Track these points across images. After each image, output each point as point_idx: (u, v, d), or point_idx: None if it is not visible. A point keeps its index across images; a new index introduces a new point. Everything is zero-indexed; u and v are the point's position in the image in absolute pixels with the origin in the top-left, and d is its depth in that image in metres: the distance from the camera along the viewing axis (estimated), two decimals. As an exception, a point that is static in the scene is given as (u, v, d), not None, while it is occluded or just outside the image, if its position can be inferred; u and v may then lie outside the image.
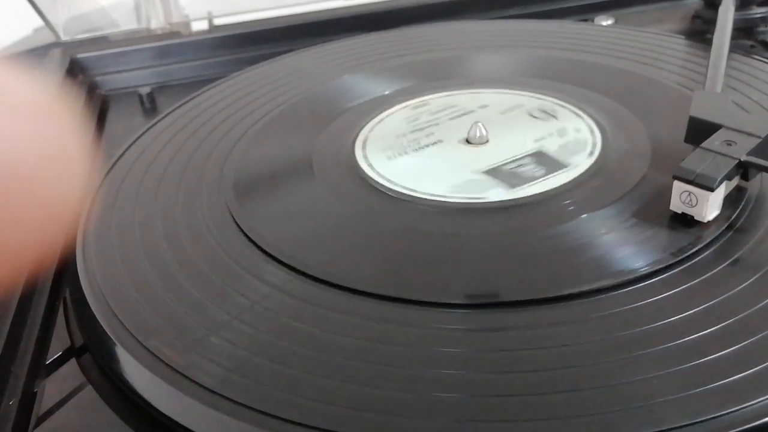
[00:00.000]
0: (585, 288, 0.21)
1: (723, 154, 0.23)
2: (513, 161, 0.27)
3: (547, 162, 0.27)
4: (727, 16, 0.34)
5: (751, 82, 0.32)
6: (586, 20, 0.44)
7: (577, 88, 0.32)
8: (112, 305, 0.22)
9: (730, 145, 0.24)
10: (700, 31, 0.39)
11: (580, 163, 0.27)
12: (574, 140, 0.28)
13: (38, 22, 0.43)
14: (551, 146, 0.28)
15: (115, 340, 0.21)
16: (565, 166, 0.26)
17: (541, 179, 0.26)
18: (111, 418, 0.20)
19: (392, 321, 0.20)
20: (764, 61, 0.33)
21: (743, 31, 0.38)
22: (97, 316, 0.22)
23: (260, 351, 0.19)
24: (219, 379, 0.19)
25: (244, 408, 0.18)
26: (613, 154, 0.27)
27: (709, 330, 0.19)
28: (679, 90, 0.32)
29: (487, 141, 0.29)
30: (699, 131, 0.25)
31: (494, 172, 0.27)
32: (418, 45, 0.40)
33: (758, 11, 0.38)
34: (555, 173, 0.26)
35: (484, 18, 0.45)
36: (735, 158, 0.23)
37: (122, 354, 0.20)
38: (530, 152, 0.28)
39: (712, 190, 0.22)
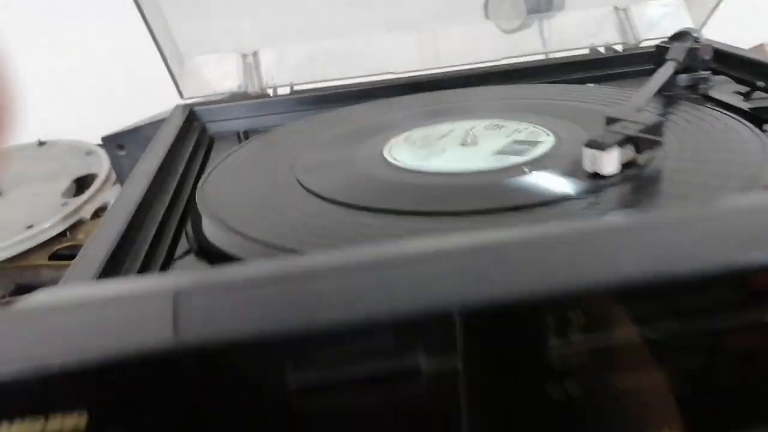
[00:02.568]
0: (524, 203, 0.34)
1: (617, 132, 0.37)
2: (505, 147, 0.41)
3: (525, 144, 0.41)
4: (665, 68, 0.49)
5: (677, 113, 0.46)
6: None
7: (539, 116, 0.47)
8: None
9: (624, 128, 0.38)
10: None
11: (545, 141, 0.41)
12: (533, 132, 0.43)
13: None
14: (520, 137, 0.42)
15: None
16: (537, 143, 0.41)
17: (529, 151, 0.40)
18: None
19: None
20: (689, 102, 0.47)
21: (691, 87, 0.52)
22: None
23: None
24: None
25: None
26: (563, 137, 0.41)
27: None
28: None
29: (477, 143, 0.43)
30: (611, 123, 0.39)
31: (501, 152, 0.41)
32: (437, 100, 0.56)
33: (702, 74, 0.52)
34: (534, 147, 0.40)
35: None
36: (622, 133, 0.37)
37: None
38: (511, 142, 0.42)
39: (603, 149, 0.36)
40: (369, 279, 0.20)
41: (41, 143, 0.90)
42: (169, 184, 0.45)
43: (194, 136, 0.55)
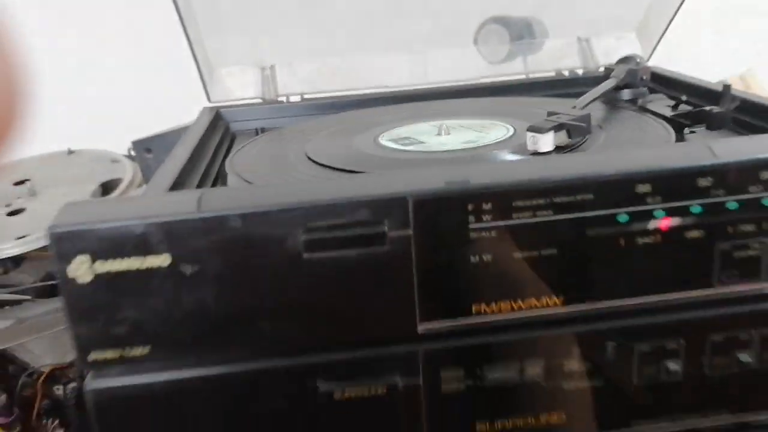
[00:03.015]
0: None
1: (553, 120, 0.49)
2: (472, 137, 0.53)
3: (488, 134, 0.53)
4: (606, 83, 0.61)
5: (614, 116, 0.57)
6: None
7: (505, 118, 0.59)
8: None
9: (559, 118, 0.49)
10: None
11: (505, 132, 0.53)
12: (497, 127, 0.54)
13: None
14: (486, 130, 0.54)
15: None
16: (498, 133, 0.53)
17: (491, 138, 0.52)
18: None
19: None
20: (625, 110, 0.59)
21: (632, 101, 0.64)
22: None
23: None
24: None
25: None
26: (519, 132, 0.53)
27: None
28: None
29: (450, 134, 0.55)
30: (551, 115, 0.50)
31: (469, 141, 0.52)
32: (423, 108, 0.68)
33: (641, 90, 0.64)
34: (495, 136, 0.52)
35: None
36: (557, 121, 0.48)
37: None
38: (478, 133, 0.54)
39: (541, 132, 0.47)
40: (357, 181, 0.32)
41: (70, 152, 1.00)
42: (199, 166, 0.56)
43: (220, 132, 0.67)
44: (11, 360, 0.74)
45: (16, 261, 0.79)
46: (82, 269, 0.30)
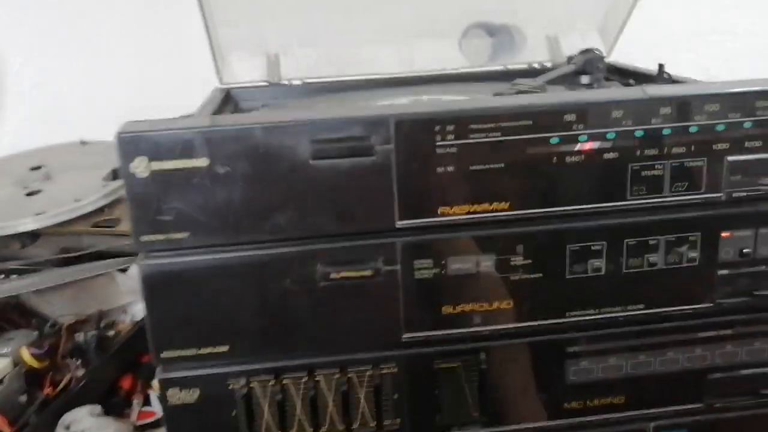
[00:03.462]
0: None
1: (513, 88, 0.59)
2: None
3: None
4: (567, 67, 0.71)
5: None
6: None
7: (477, 91, 0.69)
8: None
9: (519, 87, 0.59)
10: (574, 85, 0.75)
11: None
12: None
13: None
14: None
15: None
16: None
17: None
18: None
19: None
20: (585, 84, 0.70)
21: (588, 85, 0.75)
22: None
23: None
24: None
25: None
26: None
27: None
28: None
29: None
30: (514, 86, 0.61)
31: None
32: (408, 90, 0.78)
33: (597, 76, 0.75)
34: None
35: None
36: (517, 89, 0.59)
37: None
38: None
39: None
40: (351, 107, 0.42)
41: (83, 143, 1.09)
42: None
43: (230, 107, 0.77)
44: (34, 314, 0.83)
45: (33, 236, 0.88)
46: (141, 167, 0.40)
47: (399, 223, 0.43)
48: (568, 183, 0.44)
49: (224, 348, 0.44)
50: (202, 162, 0.40)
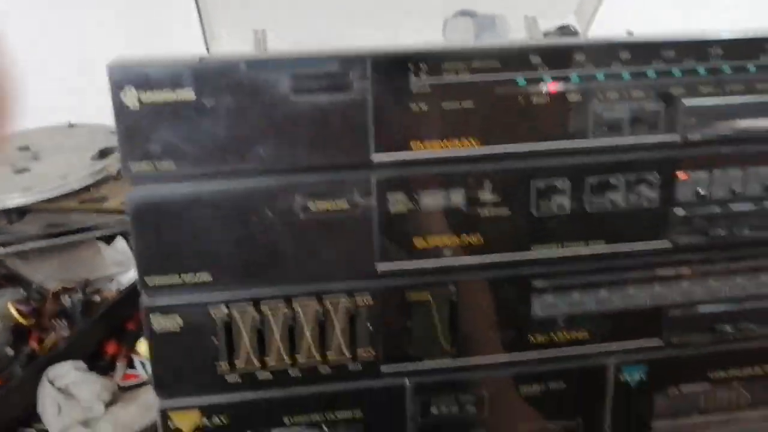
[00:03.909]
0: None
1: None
2: None
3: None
4: (541, 39, 0.75)
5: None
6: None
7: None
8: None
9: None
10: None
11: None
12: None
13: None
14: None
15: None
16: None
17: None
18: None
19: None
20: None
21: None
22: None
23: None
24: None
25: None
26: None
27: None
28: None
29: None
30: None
31: None
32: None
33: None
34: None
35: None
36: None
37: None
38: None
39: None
40: (331, 45, 0.45)
41: (71, 125, 1.11)
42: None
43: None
44: (19, 279, 0.86)
45: (21, 213, 0.90)
46: (130, 97, 0.43)
47: (374, 158, 0.46)
48: (534, 122, 0.47)
49: (206, 276, 0.46)
50: (189, 94, 0.43)
